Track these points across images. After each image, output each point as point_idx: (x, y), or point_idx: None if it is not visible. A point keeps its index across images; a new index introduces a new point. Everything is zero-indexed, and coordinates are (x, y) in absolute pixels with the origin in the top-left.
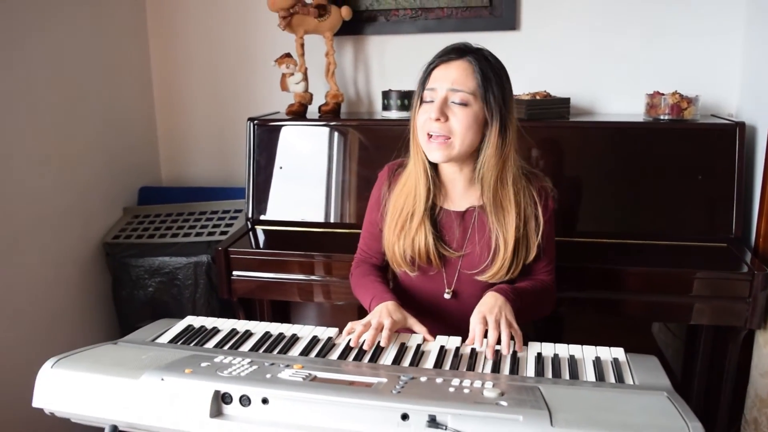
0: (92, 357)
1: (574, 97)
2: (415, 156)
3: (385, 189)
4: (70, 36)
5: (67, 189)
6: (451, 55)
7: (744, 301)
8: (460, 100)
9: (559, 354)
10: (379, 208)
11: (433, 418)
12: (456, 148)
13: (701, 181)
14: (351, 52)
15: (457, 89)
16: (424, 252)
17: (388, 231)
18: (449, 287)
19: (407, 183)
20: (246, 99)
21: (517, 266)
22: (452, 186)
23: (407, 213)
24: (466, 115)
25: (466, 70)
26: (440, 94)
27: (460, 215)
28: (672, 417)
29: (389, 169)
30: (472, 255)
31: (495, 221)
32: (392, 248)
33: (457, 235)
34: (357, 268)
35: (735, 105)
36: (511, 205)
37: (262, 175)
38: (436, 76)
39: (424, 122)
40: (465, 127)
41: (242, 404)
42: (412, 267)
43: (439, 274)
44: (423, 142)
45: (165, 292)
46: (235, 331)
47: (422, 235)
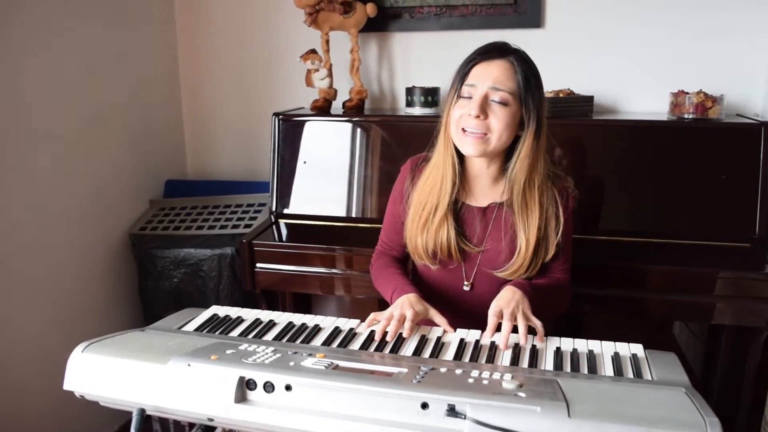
0: (121, 343)
1: (597, 96)
2: (444, 150)
3: (408, 182)
4: (100, 31)
5: (95, 181)
6: (493, 53)
7: (766, 302)
8: (500, 99)
9: (578, 348)
10: (401, 201)
11: (453, 407)
12: (492, 145)
13: (725, 180)
14: (375, 49)
15: (499, 88)
16: (446, 246)
17: (411, 224)
18: (468, 280)
19: (431, 176)
20: (271, 94)
21: (536, 266)
22: (477, 182)
23: (431, 206)
24: (505, 115)
25: (508, 70)
26: (480, 91)
27: (482, 211)
28: (690, 412)
29: (412, 163)
30: (492, 251)
31: (520, 222)
32: (414, 241)
33: (477, 230)
34: (378, 260)
35: (761, 104)
36: (536, 206)
37: (286, 170)
38: (477, 73)
39: (461, 117)
40: (503, 126)
41: (266, 390)
42: (434, 260)
43: (459, 268)
44: (457, 137)
45: (189, 284)
46: (259, 321)
47: (444, 230)
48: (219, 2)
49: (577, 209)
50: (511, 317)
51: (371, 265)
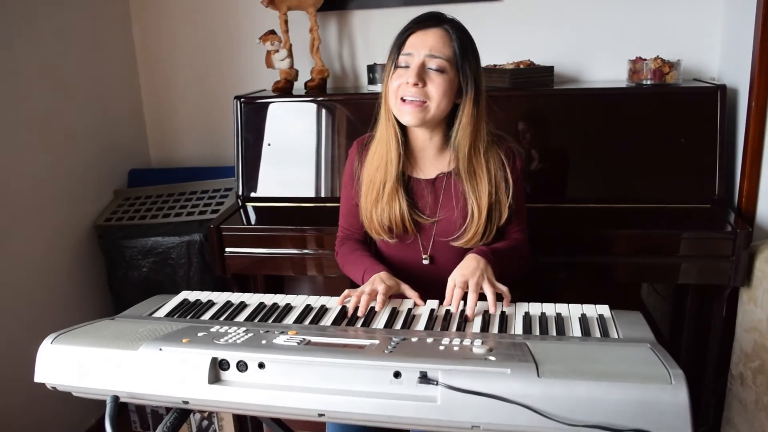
0: (91, 332)
1: (557, 66)
2: (386, 122)
3: (356, 164)
4: (54, 21)
5: (57, 174)
6: (428, 22)
7: (728, 260)
8: (437, 67)
9: (546, 312)
10: (353, 184)
11: (425, 374)
12: (431, 112)
13: (684, 144)
14: (335, 28)
15: (435, 55)
16: (399, 219)
17: (365, 201)
18: (426, 253)
19: (377, 152)
20: (232, 78)
21: (491, 231)
22: (422, 154)
23: (381, 181)
24: (442, 82)
25: (444, 37)
26: (417, 59)
27: (431, 182)
28: (655, 365)
29: (358, 144)
30: (445, 221)
31: (469, 189)
32: (370, 217)
33: (429, 201)
34: (342, 246)
35: (717, 68)
36: (484, 173)
37: (251, 153)
38: (413, 42)
39: (399, 87)
40: (441, 93)
41: (239, 370)
42: (391, 234)
43: (416, 241)
44: (396, 107)
45: (159, 272)
46: (230, 303)
47: (396, 203)
48: None
49: (532, 170)
50: (477, 287)
51: (336, 253)
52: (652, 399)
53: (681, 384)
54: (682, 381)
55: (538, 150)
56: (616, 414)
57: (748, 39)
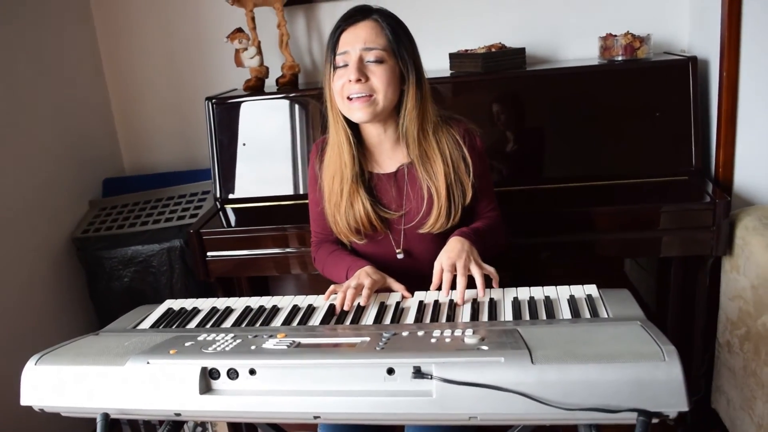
0: (75, 349)
1: (529, 47)
2: (335, 125)
3: (317, 167)
4: (12, 30)
5: (29, 188)
6: (356, 16)
7: (709, 230)
8: (376, 58)
9: (534, 296)
10: (316, 187)
11: (418, 369)
12: (380, 105)
13: (659, 117)
14: (303, 22)
15: (371, 47)
16: (365, 219)
17: (328, 207)
18: (399, 247)
19: (331, 158)
20: (202, 79)
21: (456, 211)
22: (379, 150)
23: (338, 185)
24: (383, 72)
25: (375, 28)
26: (354, 55)
27: (392, 176)
28: (646, 343)
29: (317, 147)
30: (412, 212)
31: (424, 172)
32: (335, 222)
33: (393, 195)
34: (318, 251)
35: (686, 40)
36: (437, 154)
37: (227, 154)
38: (346, 39)
39: (342, 86)
40: (386, 83)
41: (230, 378)
42: (359, 236)
43: (386, 238)
44: (344, 107)
45: (141, 281)
46: (216, 309)
47: (359, 203)
48: None
49: (484, 147)
50: (465, 270)
51: (314, 259)
52: (646, 377)
53: (674, 360)
54: (675, 357)
55: (513, 132)
56: (612, 395)
57: (715, 9)
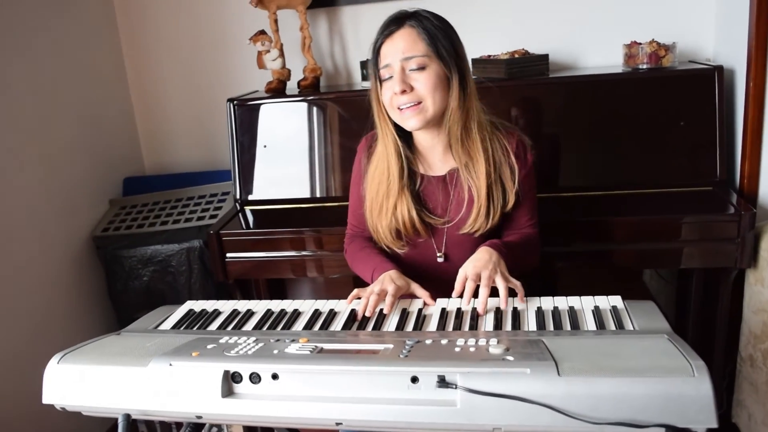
0: (98, 349)
1: (552, 53)
2: (383, 137)
3: (364, 161)
4: (39, 32)
5: (51, 187)
6: (392, 27)
7: (732, 242)
8: (417, 65)
9: (558, 306)
10: (361, 182)
11: (443, 378)
12: (429, 110)
13: (683, 127)
14: (325, 25)
15: (410, 56)
16: (409, 224)
17: (369, 213)
18: (440, 251)
19: (379, 166)
20: (223, 80)
21: (494, 213)
22: (431, 153)
23: (383, 194)
24: (427, 78)
25: (411, 35)
26: (396, 67)
27: (442, 179)
28: (675, 357)
29: (366, 141)
30: (454, 215)
31: (466, 172)
32: (376, 229)
33: (440, 199)
34: (351, 244)
35: (712, 49)
36: (479, 152)
37: (247, 156)
38: (385, 52)
39: (391, 99)
40: (431, 89)
41: (252, 381)
42: (400, 243)
43: (428, 241)
44: (396, 117)
45: (160, 281)
46: (237, 312)
47: (404, 209)
48: None
49: (536, 161)
50: (489, 281)
51: (345, 251)
52: (675, 392)
53: (704, 375)
54: (705, 372)
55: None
56: (640, 409)
57: (742, 18)
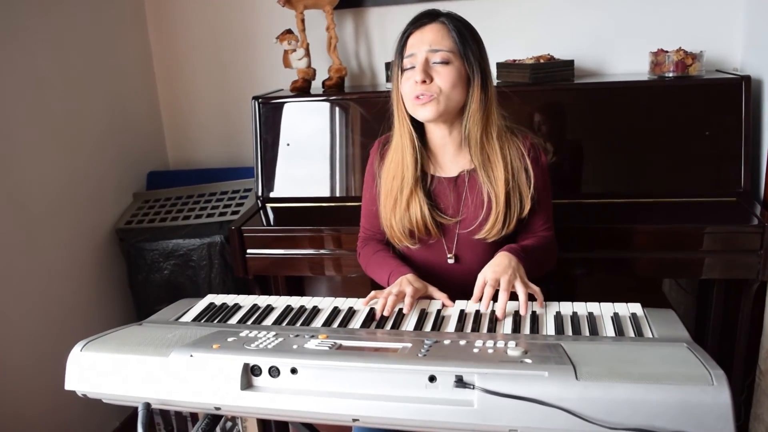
0: (119, 338)
1: (578, 59)
2: (400, 127)
3: (377, 164)
4: (70, 27)
5: (77, 179)
6: (424, 19)
7: (755, 254)
8: (441, 59)
9: (577, 312)
10: (374, 185)
11: (460, 378)
12: (443, 104)
13: (708, 136)
14: (352, 25)
15: (437, 49)
16: (421, 223)
17: (383, 208)
18: (450, 252)
19: (393, 159)
20: (249, 78)
21: (511, 220)
22: (442, 152)
23: (397, 187)
24: (449, 73)
25: (441, 30)
26: (420, 57)
27: (453, 181)
28: (694, 366)
29: (379, 144)
30: (469, 219)
31: (485, 176)
32: (389, 224)
33: (452, 200)
34: (364, 247)
35: (739, 59)
36: (498, 159)
37: (270, 153)
38: (413, 42)
39: (410, 88)
40: (451, 85)
41: (271, 375)
42: (413, 240)
43: (439, 242)
44: (410, 106)
45: (180, 274)
46: (257, 307)
47: (417, 206)
48: None
49: (559, 166)
50: (508, 286)
51: (358, 254)
52: (693, 401)
53: (723, 385)
54: (724, 382)
55: (559, 145)
56: (657, 416)
57: None
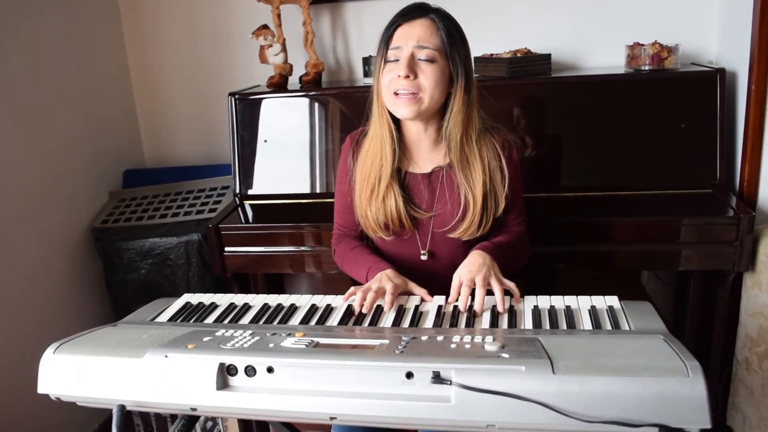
0: (93, 340)
1: (555, 53)
2: (379, 119)
3: (350, 159)
4: (43, 24)
5: (51, 177)
6: (414, 13)
7: (731, 245)
8: (427, 57)
9: (555, 305)
10: (346, 180)
11: (438, 374)
12: (425, 103)
13: (684, 129)
14: (328, 20)
15: (424, 46)
16: (395, 215)
17: (359, 198)
18: (424, 248)
19: (371, 148)
20: (225, 74)
21: (487, 221)
22: (417, 148)
23: (375, 177)
24: (433, 72)
25: (430, 27)
26: (406, 52)
27: (427, 177)
28: (670, 357)
29: (351, 139)
30: (442, 214)
31: (463, 178)
32: (365, 214)
33: (426, 196)
34: (339, 244)
35: (714, 52)
36: (477, 161)
37: (247, 150)
38: (400, 34)
39: (391, 81)
40: (433, 83)
41: (248, 375)
42: (387, 231)
43: (413, 237)
44: (390, 101)
45: (158, 274)
46: (234, 305)
47: (392, 199)
48: None
49: (528, 158)
50: (484, 283)
51: (333, 252)
52: (669, 392)
53: (698, 376)
54: (700, 373)
55: (536, 139)
56: (634, 409)
57: (745, 22)
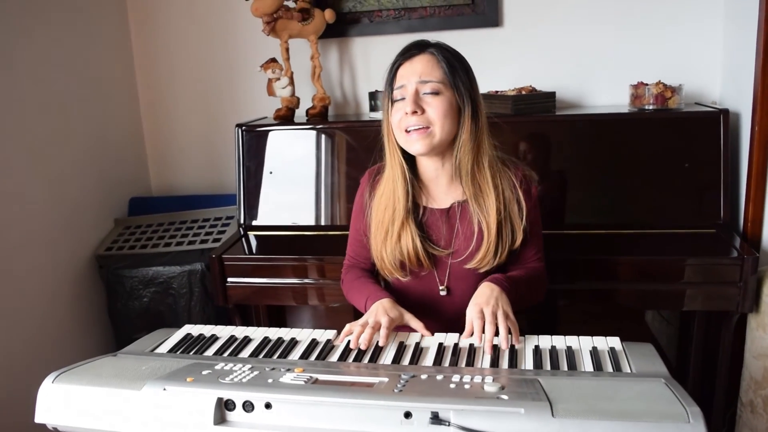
0: (92, 370)
1: (559, 91)
2: (391, 159)
3: (367, 194)
4: (55, 51)
5: (57, 203)
6: (413, 51)
7: (735, 286)
8: (432, 90)
9: (556, 346)
10: (363, 215)
11: (436, 414)
12: (437, 136)
13: (688, 168)
14: (336, 55)
15: (427, 80)
16: (413, 254)
17: (374, 241)
18: (442, 284)
19: (385, 190)
20: (233, 106)
21: (503, 250)
22: (435, 184)
23: (389, 219)
24: (440, 104)
25: (431, 61)
26: (410, 89)
27: (445, 212)
28: (671, 403)
29: (369, 174)
30: (461, 250)
31: (476, 206)
32: (380, 256)
33: (444, 232)
34: (347, 274)
35: (718, 92)
36: (490, 189)
37: (253, 181)
38: (402, 73)
39: (400, 120)
40: (442, 115)
41: (246, 410)
42: (403, 272)
43: (431, 274)
44: (402, 139)
45: (160, 302)
46: (234, 338)
47: (408, 238)
48: (174, 14)
49: (541, 197)
50: (493, 318)
51: (341, 281)
52: None
53: (699, 422)
54: (700, 419)
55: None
56: None
57: (748, 63)
